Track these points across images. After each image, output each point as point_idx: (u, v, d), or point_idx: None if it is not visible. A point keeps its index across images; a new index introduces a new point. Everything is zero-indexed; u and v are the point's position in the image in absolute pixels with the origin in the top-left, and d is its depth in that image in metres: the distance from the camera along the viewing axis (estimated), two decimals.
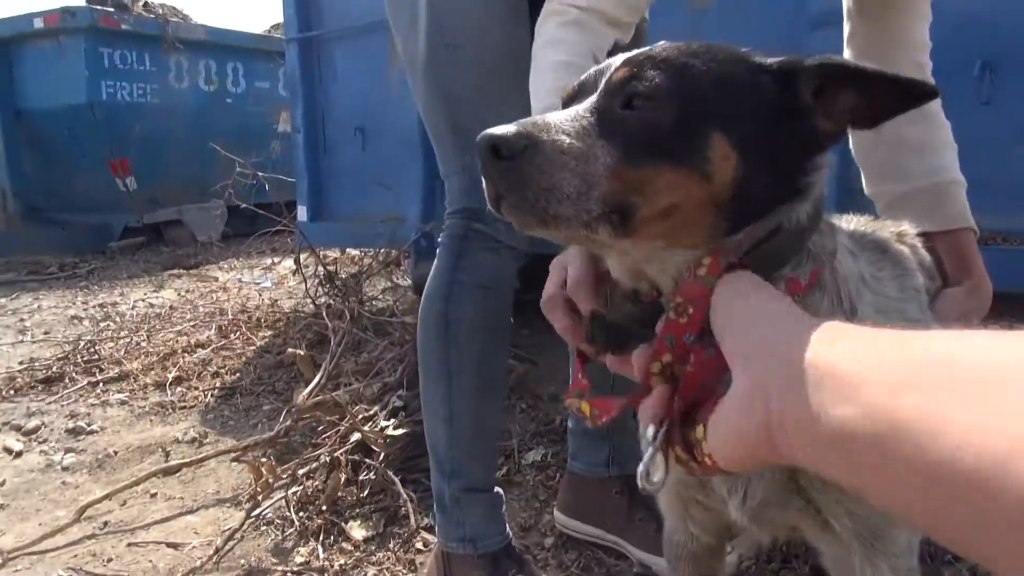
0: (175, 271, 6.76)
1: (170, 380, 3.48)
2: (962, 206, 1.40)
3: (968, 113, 2.36)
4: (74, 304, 5.50)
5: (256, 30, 9.49)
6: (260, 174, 4.88)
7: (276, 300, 4.95)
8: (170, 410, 3.19)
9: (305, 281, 4.24)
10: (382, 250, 4.25)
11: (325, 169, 4.48)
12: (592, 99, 0.77)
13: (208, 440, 2.85)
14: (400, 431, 2.29)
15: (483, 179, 0.73)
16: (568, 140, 0.71)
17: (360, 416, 2.30)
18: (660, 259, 0.77)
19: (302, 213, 4.59)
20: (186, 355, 3.87)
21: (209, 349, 3.94)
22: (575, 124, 0.73)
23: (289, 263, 5.50)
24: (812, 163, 0.78)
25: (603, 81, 0.78)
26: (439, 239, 1.67)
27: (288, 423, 2.53)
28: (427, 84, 1.61)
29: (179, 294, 5.72)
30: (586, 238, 0.73)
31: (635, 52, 0.78)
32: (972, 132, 2.37)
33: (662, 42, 0.80)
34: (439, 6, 1.55)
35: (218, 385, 3.44)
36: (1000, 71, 2.34)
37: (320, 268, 4.31)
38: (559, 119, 0.73)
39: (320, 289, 4.32)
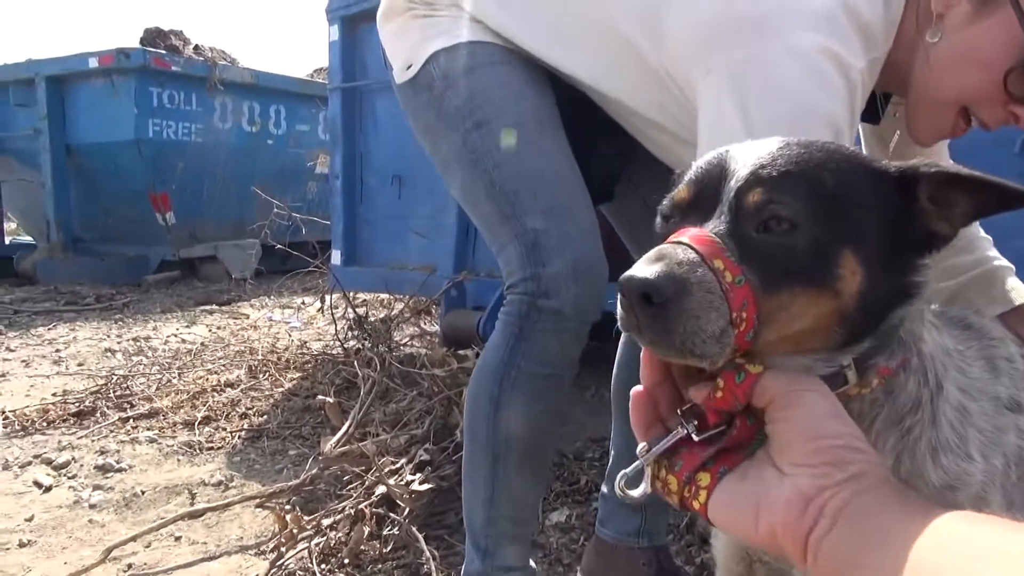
0: (208, 307, 6.86)
1: (199, 419, 3.51)
2: (1017, 283, 1.40)
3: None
4: (108, 336, 5.60)
5: (300, 73, 9.76)
6: (296, 215, 4.99)
7: (305, 342, 4.99)
8: (197, 450, 3.21)
9: (335, 323, 4.28)
10: (412, 297, 4.30)
11: (361, 215, 4.57)
12: (724, 220, 0.74)
13: (234, 483, 2.86)
14: (426, 486, 2.28)
15: (620, 307, 0.71)
16: (713, 278, 0.69)
17: (387, 469, 2.30)
18: (779, 363, 0.76)
19: (336, 256, 4.67)
20: (215, 394, 3.91)
21: (238, 389, 3.98)
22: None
23: (320, 303, 5.57)
24: (924, 264, 0.80)
25: (730, 195, 0.75)
26: (500, 312, 1.56)
27: (314, 471, 2.54)
28: (463, 168, 1.57)
29: (210, 330, 5.80)
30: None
31: (760, 159, 0.76)
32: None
33: (775, 142, 0.79)
34: (462, 94, 1.54)
35: (246, 427, 3.47)
36: None
37: (350, 312, 4.36)
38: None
39: (349, 333, 4.36)
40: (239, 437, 3.36)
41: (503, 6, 1.55)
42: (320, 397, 2.88)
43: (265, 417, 3.58)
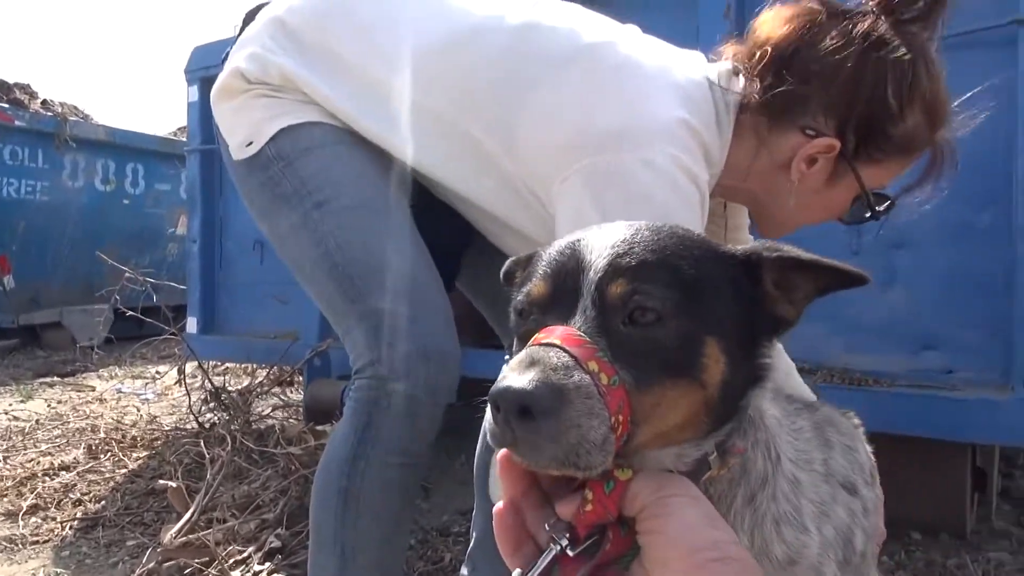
0: (48, 378, 6.29)
1: (24, 509, 3.16)
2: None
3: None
4: None
5: (163, 131, 9.37)
6: (150, 280, 4.69)
7: (156, 416, 4.65)
8: (20, 545, 2.87)
9: (189, 396, 4.02)
10: (273, 367, 4.11)
11: (220, 281, 4.37)
12: (589, 316, 0.71)
13: None
14: None
15: (491, 420, 0.66)
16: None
17: (232, 560, 2.13)
18: (652, 457, 0.74)
19: (192, 324, 4.42)
20: (47, 479, 3.54)
21: (74, 472, 3.62)
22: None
23: (175, 373, 5.22)
24: (771, 345, 0.81)
25: (591, 288, 0.72)
26: (348, 399, 1.49)
27: (151, 565, 2.32)
28: (303, 249, 1.51)
29: (49, 405, 5.30)
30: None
31: (616, 247, 0.73)
32: None
33: (623, 227, 0.77)
34: (300, 174, 1.50)
35: (79, 515, 3.14)
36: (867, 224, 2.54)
37: (207, 383, 4.11)
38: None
39: (205, 406, 4.10)
40: (71, 527, 3.03)
41: (365, 113, 1.52)
42: (162, 482, 2.66)
43: (103, 503, 3.27)
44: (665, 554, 0.63)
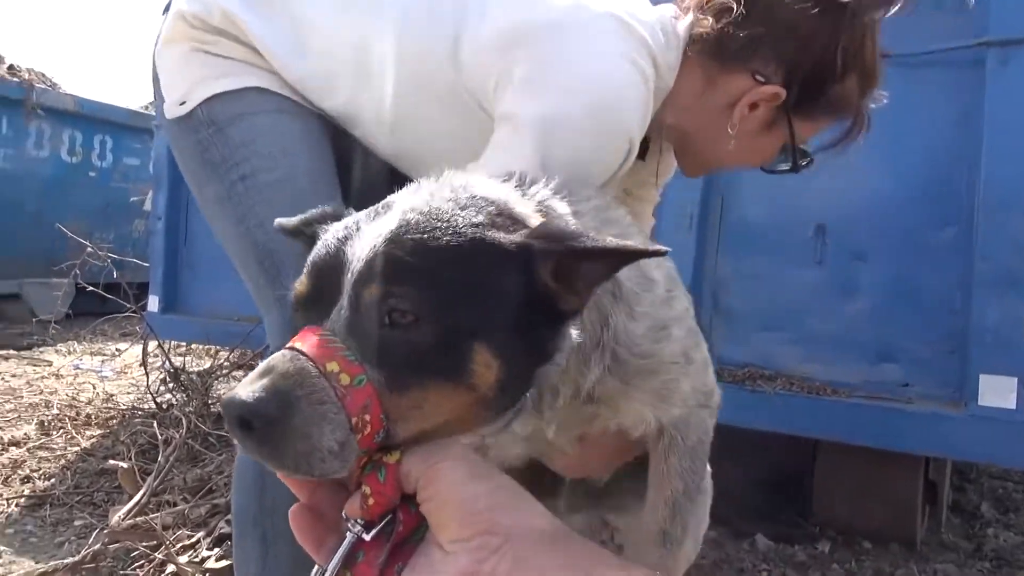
0: (3, 351, 6.15)
1: None
2: None
3: (803, 271, 2.57)
4: None
5: (133, 104, 9.18)
6: (112, 256, 4.61)
7: (113, 395, 4.57)
8: None
9: (147, 375, 3.95)
10: (235, 350, 4.06)
11: (183, 260, 4.28)
12: (344, 315, 0.69)
13: (1, 561, 2.51)
14: (223, 563, 2.10)
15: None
16: (326, 385, 0.64)
17: (179, 545, 2.09)
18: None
19: (153, 303, 4.33)
20: None
21: (24, 448, 3.55)
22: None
23: (137, 351, 5.12)
24: (560, 331, 0.78)
25: (348, 289, 0.70)
26: None
27: (97, 547, 2.27)
28: (227, 222, 1.48)
29: (3, 379, 5.18)
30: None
31: (377, 247, 0.70)
32: (806, 289, 2.58)
33: (396, 220, 0.73)
34: (229, 143, 1.46)
35: (26, 492, 3.07)
36: (830, 233, 2.57)
37: (166, 363, 4.04)
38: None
39: (164, 386, 4.03)
40: (17, 505, 2.97)
41: (296, 53, 1.45)
42: (112, 462, 2.61)
43: (52, 481, 3.20)
44: (440, 517, 0.65)
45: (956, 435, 2.25)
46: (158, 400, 3.91)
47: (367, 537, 0.67)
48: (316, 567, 0.71)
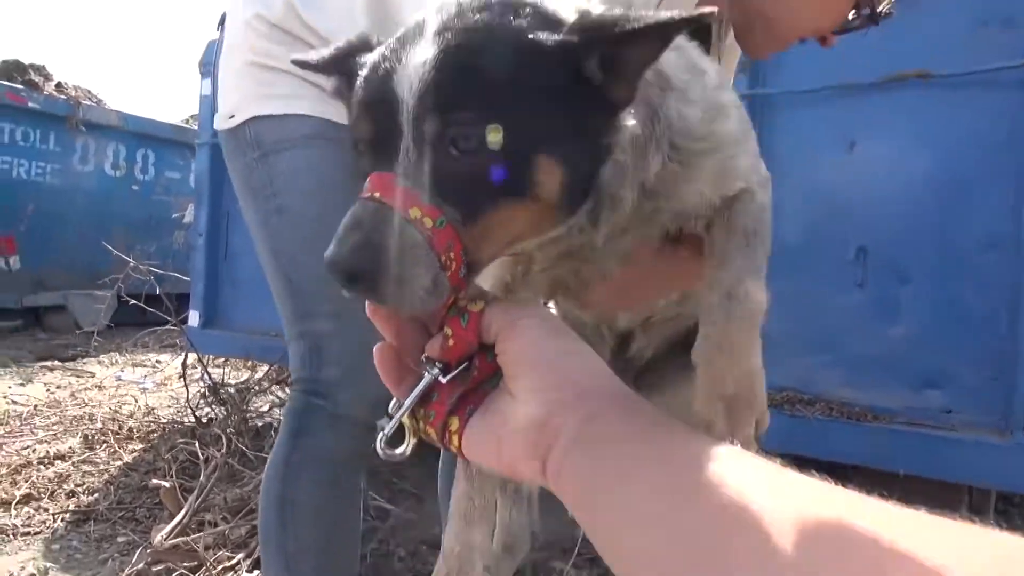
0: (49, 362, 6.31)
1: (17, 498, 3.17)
2: None
3: (844, 294, 2.53)
4: None
5: (174, 119, 9.39)
6: (153, 270, 4.71)
7: (153, 408, 4.65)
8: (11, 536, 2.88)
9: (188, 392, 4.03)
10: (273, 365, 4.11)
11: (224, 275, 4.35)
12: (410, 156, 0.69)
13: None
14: None
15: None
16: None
17: (220, 566, 2.13)
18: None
19: (193, 318, 4.41)
20: (41, 468, 3.55)
21: (69, 462, 3.64)
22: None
23: (176, 363, 5.22)
24: (614, 124, 0.76)
25: (407, 128, 0.69)
26: (285, 408, 1.58)
27: (140, 566, 2.32)
28: (264, 250, 1.56)
29: (48, 390, 5.32)
30: None
31: (426, 73, 0.68)
32: (847, 312, 2.54)
33: (434, 39, 0.70)
34: (269, 172, 1.51)
35: (71, 507, 3.15)
36: (872, 255, 2.53)
37: (206, 377, 4.11)
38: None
39: (203, 400, 4.10)
40: (63, 520, 3.04)
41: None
42: (155, 482, 2.66)
43: (96, 496, 3.27)
44: (516, 367, 0.68)
45: (1000, 464, 2.20)
46: (197, 414, 3.98)
47: (444, 380, 0.71)
48: (394, 400, 0.74)
